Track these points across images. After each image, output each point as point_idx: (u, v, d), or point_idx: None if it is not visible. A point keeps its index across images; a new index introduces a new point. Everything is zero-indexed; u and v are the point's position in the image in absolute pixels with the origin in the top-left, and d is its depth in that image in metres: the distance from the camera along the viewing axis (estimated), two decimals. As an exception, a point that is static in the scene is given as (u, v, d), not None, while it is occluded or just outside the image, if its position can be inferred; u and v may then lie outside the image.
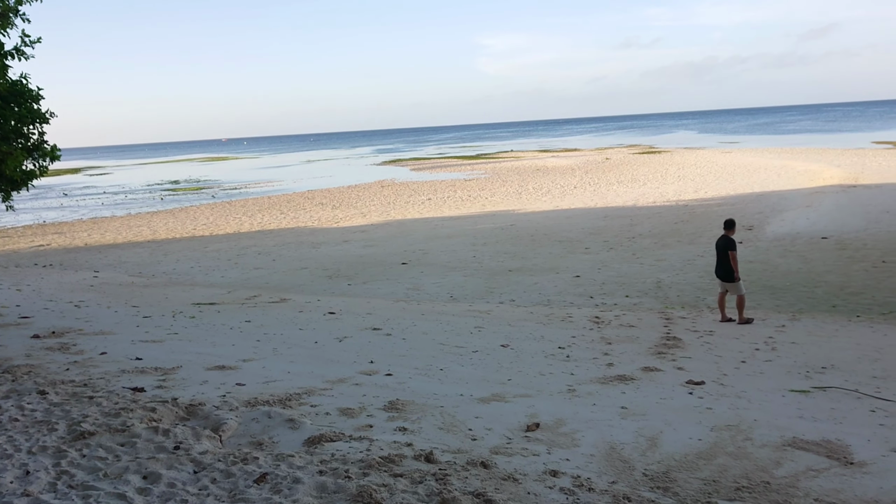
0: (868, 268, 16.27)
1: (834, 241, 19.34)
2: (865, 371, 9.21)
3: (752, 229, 22.01)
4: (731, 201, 29.15)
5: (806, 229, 21.42)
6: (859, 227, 21.30)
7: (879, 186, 30.96)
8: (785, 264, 17.09)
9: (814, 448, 6.32)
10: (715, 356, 9.97)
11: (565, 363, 9.55)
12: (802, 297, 14.11)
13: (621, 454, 6.09)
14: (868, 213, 23.80)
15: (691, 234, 21.77)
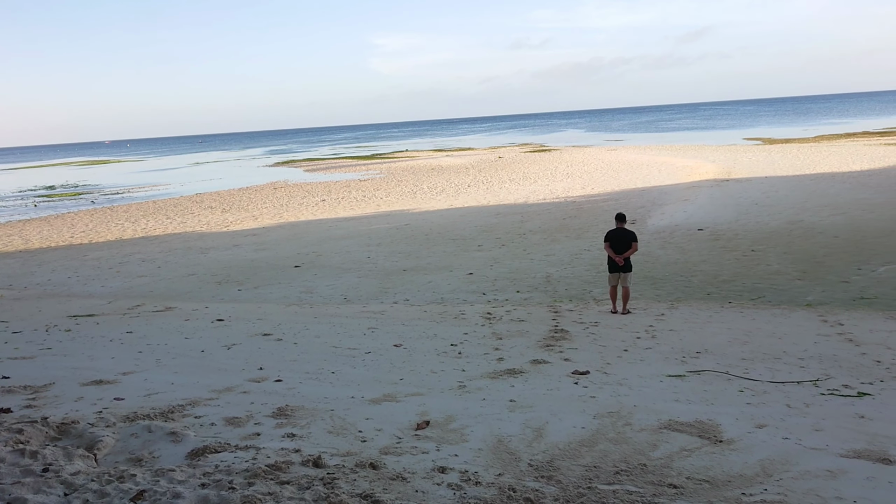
0: (739, 257, 17.37)
1: (708, 233, 20.53)
2: (735, 354, 9.83)
3: (634, 223, 22.98)
4: (615, 197, 30.38)
5: (683, 222, 22.62)
6: (731, 218, 22.70)
7: (749, 180, 33.10)
8: (664, 255, 17.98)
9: (687, 429, 6.68)
10: (599, 346, 10.37)
11: (457, 360, 9.67)
12: (680, 287, 14.90)
13: (508, 446, 6.23)
14: (739, 205, 25.40)
15: (579, 229, 22.53)
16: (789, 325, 11.41)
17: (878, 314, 12.10)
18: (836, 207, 23.40)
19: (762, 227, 20.84)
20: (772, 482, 5.48)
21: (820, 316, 11.98)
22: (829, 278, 14.84)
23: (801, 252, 17.40)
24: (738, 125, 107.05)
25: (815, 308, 12.69)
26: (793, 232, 19.90)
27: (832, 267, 15.76)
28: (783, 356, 9.63)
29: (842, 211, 22.64)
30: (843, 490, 5.33)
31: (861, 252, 16.99)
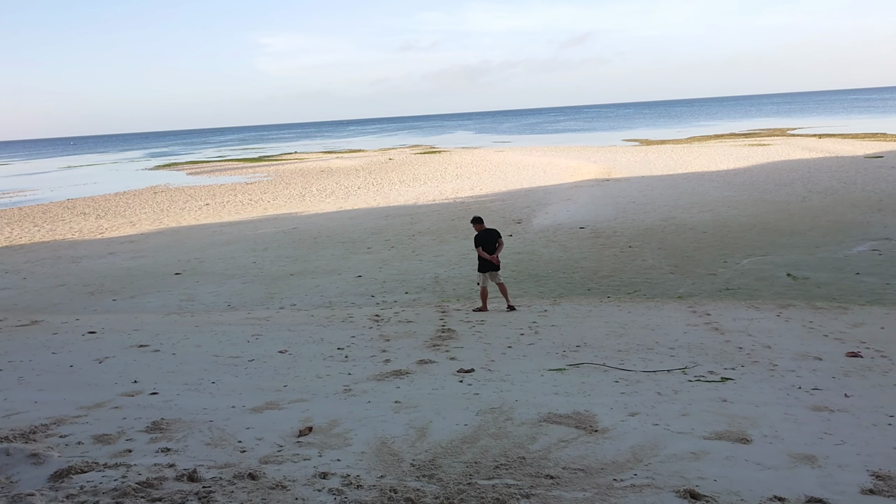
0: (617, 253, 18.16)
1: (589, 231, 21.34)
2: (612, 346, 10.26)
3: (520, 222, 23.62)
4: (502, 197, 31.05)
5: (566, 220, 23.41)
6: (610, 216, 23.70)
7: (627, 179, 34.67)
8: (548, 253, 18.54)
9: (565, 421, 6.92)
10: (485, 344, 10.56)
11: (343, 364, 9.59)
12: (562, 283, 15.41)
13: (392, 448, 6.24)
14: (618, 203, 26.56)
15: (467, 230, 22.81)
16: (662, 317, 12.03)
17: (741, 303, 12.97)
18: (704, 205, 24.91)
19: (638, 225, 21.88)
20: (641, 467, 5.76)
21: (690, 307, 12.70)
22: (698, 271, 15.77)
23: (673, 247, 18.40)
24: (618, 127, 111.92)
25: (686, 300, 13.45)
26: (666, 228, 21.01)
27: (701, 261, 16.75)
28: (656, 346, 10.14)
29: (710, 208, 24.12)
30: (705, 470, 5.67)
31: (726, 246, 18.16)
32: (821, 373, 8.69)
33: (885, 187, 26.56)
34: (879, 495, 5.18)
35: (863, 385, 8.19)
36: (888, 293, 13.25)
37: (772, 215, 22.13)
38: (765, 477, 5.52)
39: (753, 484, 5.39)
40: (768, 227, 20.24)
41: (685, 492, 5.23)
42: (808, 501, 5.09)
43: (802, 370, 8.81)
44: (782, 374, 8.64)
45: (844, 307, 12.36)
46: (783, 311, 12.22)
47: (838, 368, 8.85)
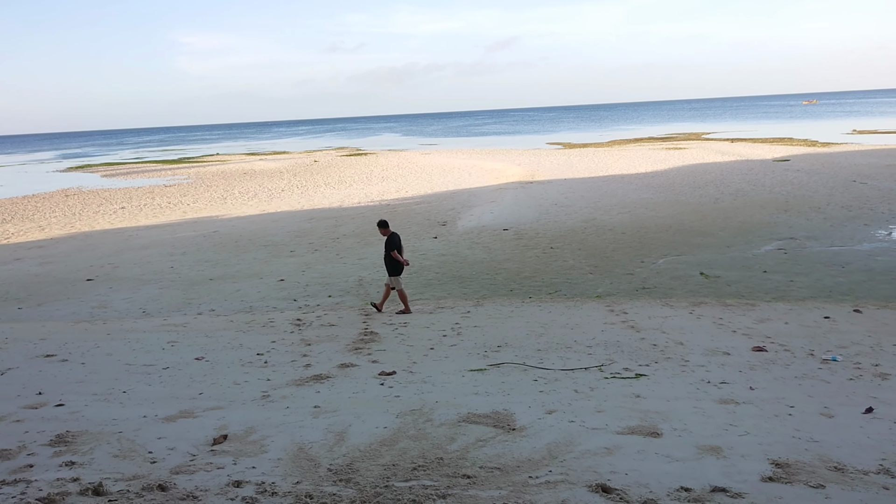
0: (539, 254, 18.46)
1: (513, 232, 21.63)
2: (532, 345, 10.43)
3: (445, 224, 23.73)
4: (428, 199, 31.12)
5: (490, 222, 23.66)
6: (533, 218, 24.09)
7: (550, 182, 35.31)
8: (472, 255, 18.69)
9: (484, 420, 6.99)
10: (407, 346, 10.56)
11: (262, 369, 9.41)
12: (486, 284, 15.56)
13: (309, 453, 6.17)
14: (540, 205, 27.02)
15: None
16: (581, 316, 12.30)
17: (657, 302, 13.40)
18: (623, 207, 25.61)
19: (560, 226, 22.31)
20: (556, 463, 5.87)
21: (607, 306, 13.03)
22: (617, 271, 16.20)
23: (592, 248, 18.84)
24: (543, 130, 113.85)
25: (604, 299, 13.79)
26: (587, 230, 21.50)
27: (619, 261, 17.22)
28: (574, 345, 10.36)
29: (628, 210, 24.82)
30: (617, 464, 5.83)
31: (644, 247, 18.72)
32: (729, 367, 9.06)
33: (790, 189, 27.93)
34: (778, 482, 5.44)
35: (766, 378, 8.58)
36: (792, 290, 13.93)
37: (686, 216, 22.95)
38: (673, 469, 5.72)
39: (662, 476, 5.57)
40: (683, 228, 20.97)
41: (597, 486, 5.36)
42: (712, 491, 5.30)
43: (712, 365, 9.17)
44: (693, 370, 8.98)
45: (752, 304, 12.92)
46: (696, 308, 12.68)
47: (745, 362, 9.25)
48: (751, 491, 5.28)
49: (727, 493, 5.24)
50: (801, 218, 21.65)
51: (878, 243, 17.74)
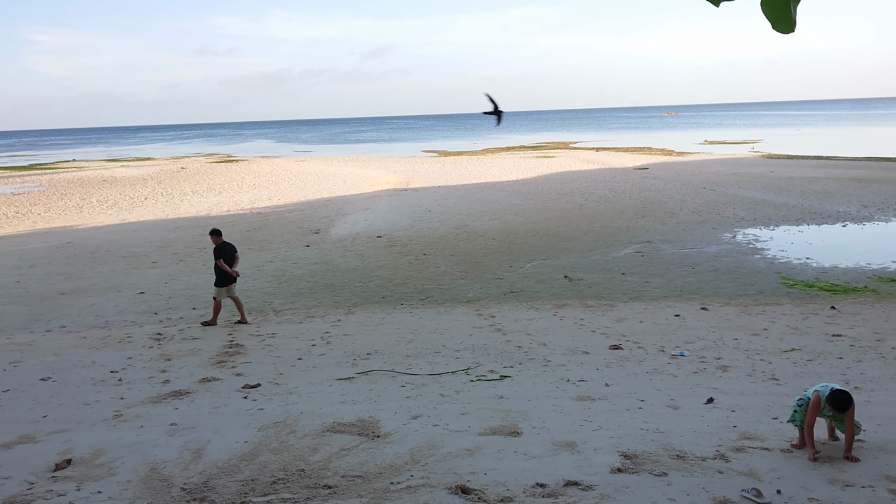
0: (412, 260, 18.59)
1: (386, 239, 21.66)
2: (402, 351, 10.48)
3: (318, 232, 23.41)
4: (301, 207, 30.60)
5: (364, 230, 23.58)
6: (407, 225, 24.23)
7: (425, 189, 35.67)
8: (345, 263, 18.55)
9: (349, 429, 6.95)
10: (274, 357, 10.32)
11: (116, 388, 8.90)
12: (358, 292, 15.47)
13: (162, 473, 5.90)
14: (414, 212, 27.23)
15: (263, 241, 22.25)
16: (450, 321, 12.49)
17: (523, 305, 13.82)
18: (494, 213, 26.27)
19: (433, 233, 22.58)
20: (418, 468, 5.93)
21: (476, 310, 13.31)
22: (486, 276, 16.58)
23: (464, 254, 19.19)
24: (419, 138, 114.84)
25: (474, 303, 14.07)
26: (458, 236, 21.88)
27: (489, 266, 17.63)
28: (443, 350, 10.50)
29: (499, 216, 25.49)
30: (477, 465, 5.96)
31: (512, 251, 19.28)
32: (587, 365, 9.49)
33: (648, 196, 29.67)
34: (625, 473, 5.75)
35: (621, 374, 9.06)
36: (647, 290, 14.78)
37: (553, 222, 23.85)
38: (530, 466, 5.91)
39: (519, 473, 5.75)
40: (550, 233, 21.77)
41: (457, 488, 5.45)
42: (565, 485, 5.53)
43: (572, 364, 9.57)
44: (554, 369, 9.34)
45: (611, 304, 13.60)
46: (559, 310, 13.18)
47: (602, 360, 9.72)
48: (601, 483, 5.55)
49: (579, 487, 5.48)
50: (657, 223, 23.03)
51: (723, 245, 19.16)
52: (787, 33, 2.40)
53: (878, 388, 8.24)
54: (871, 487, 5.37)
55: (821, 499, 5.20)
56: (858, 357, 9.65)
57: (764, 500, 5.16)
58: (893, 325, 11.40)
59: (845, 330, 11.12)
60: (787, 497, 5.22)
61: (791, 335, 10.94)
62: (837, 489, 5.37)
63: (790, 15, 2.32)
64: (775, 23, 2.35)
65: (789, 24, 2.34)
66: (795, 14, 2.34)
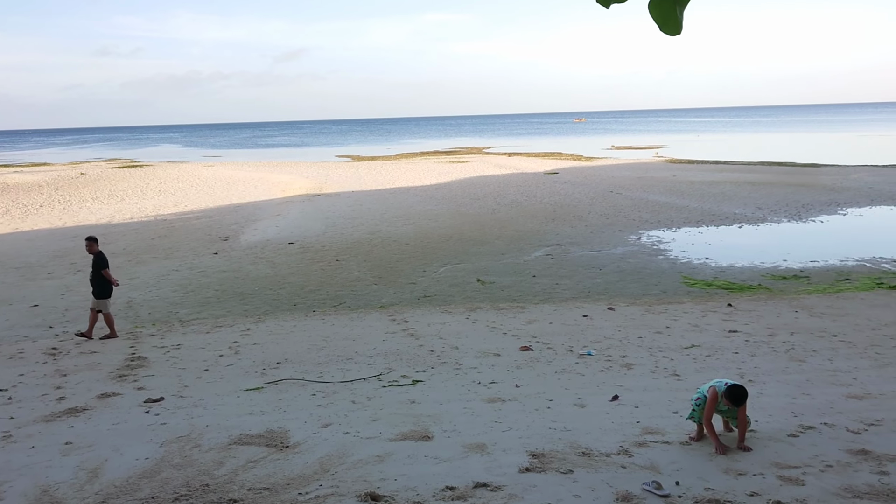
0: (324, 267, 18.36)
1: (298, 246, 21.32)
2: (313, 359, 10.32)
3: (227, 240, 22.80)
4: (209, 213, 29.74)
5: (275, 236, 23.13)
6: (320, 231, 23.93)
7: (338, 194, 35.32)
8: (255, 270, 18.13)
9: (256, 441, 6.78)
10: (179, 369, 9.97)
11: (6, 407, 8.38)
12: (269, 300, 15.15)
13: (55, 496, 5.59)
14: (327, 218, 26.92)
15: (168, 249, 21.49)
16: (363, 327, 12.40)
17: (437, 309, 13.87)
18: (408, 218, 26.30)
19: (347, 238, 22.38)
20: (327, 477, 5.84)
21: (390, 316, 13.27)
22: (400, 281, 16.56)
23: (378, 259, 19.12)
24: (332, 143, 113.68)
25: (387, 309, 14.02)
26: (372, 241, 21.77)
27: (403, 271, 17.62)
28: (355, 356, 10.41)
29: (413, 221, 25.53)
30: (387, 471, 5.93)
31: (426, 256, 19.34)
32: (498, 367, 9.61)
33: (558, 199, 30.39)
34: (533, 472, 5.84)
35: (531, 375, 9.22)
36: (557, 292, 15.12)
37: (466, 226, 24.07)
38: (440, 470, 5.93)
39: (429, 478, 5.76)
40: (463, 238, 21.96)
41: (366, 495, 5.41)
42: (475, 486, 5.57)
43: (483, 366, 9.67)
44: (466, 372, 9.41)
45: (522, 306, 13.83)
46: (472, 313, 13.31)
47: (512, 362, 9.86)
48: (509, 483, 5.62)
49: (488, 488, 5.53)
50: (567, 226, 23.61)
51: (629, 247, 19.82)
52: (674, 35, 2.50)
53: (769, 380, 8.69)
54: (761, 475, 5.66)
55: (716, 488, 5.44)
56: (753, 351, 10.17)
57: (663, 492, 5.35)
58: (784, 320, 12.07)
59: (741, 326, 11.70)
60: (685, 488, 5.44)
61: (691, 332, 11.43)
62: (731, 478, 5.63)
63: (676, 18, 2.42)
64: (663, 25, 2.44)
65: (676, 26, 2.44)
66: (682, 17, 2.44)
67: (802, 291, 14.55)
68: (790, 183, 34.42)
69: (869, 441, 6.31)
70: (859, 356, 9.74)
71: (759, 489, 5.39)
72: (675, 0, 2.42)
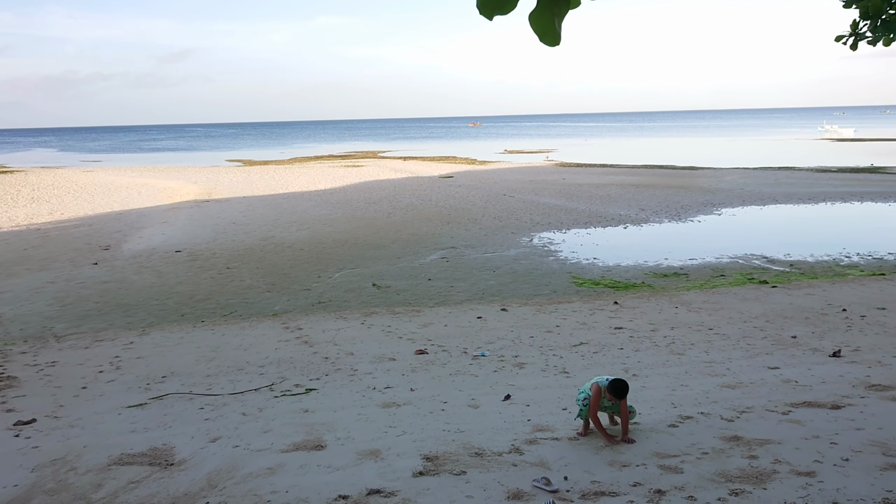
0: (215, 275, 17.76)
1: (186, 254, 20.52)
2: (202, 372, 9.96)
3: (108, 249, 21.65)
4: (89, 222, 28.13)
5: (162, 244, 22.17)
6: (209, 238, 23.13)
7: (228, 200, 34.28)
8: (140, 280, 17.31)
9: (139, 459, 6.47)
10: (54, 388, 9.37)
11: None
12: (154, 311, 14.50)
13: None
14: (217, 224, 26.06)
15: (43, 260, 20.17)
16: (255, 336, 12.08)
17: (331, 315, 13.70)
18: (302, 223, 25.85)
19: (238, 245, 21.75)
20: (215, 493, 5.65)
21: (283, 323, 12.99)
22: (294, 287, 16.25)
23: (271, 266, 18.68)
24: (222, 147, 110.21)
25: (280, 316, 13.72)
26: (265, 248, 21.26)
27: (297, 277, 17.30)
28: (246, 366, 10.13)
29: (307, 226, 25.12)
30: (279, 483, 5.80)
31: (321, 261, 19.07)
32: (393, 372, 9.60)
33: (453, 203, 30.72)
34: (427, 475, 5.87)
35: (426, 378, 9.26)
36: (452, 294, 15.27)
37: (362, 231, 23.92)
38: (333, 478, 5.85)
39: (322, 487, 5.67)
40: (359, 242, 21.81)
41: (256, 509, 5.26)
42: (368, 493, 5.53)
43: (378, 371, 9.63)
44: (361, 378, 9.34)
45: (417, 310, 13.88)
46: (367, 318, 13.23)
47: (408, 366, 9.88)
48: (403, 488, 5.62)
49: (381, 494, 5.51)
50: (462, 229, 23.90)
51: (521, 249, 20.29)
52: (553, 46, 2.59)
53: (652, 373, 9.12)
54: (644, 465, 5.92)
55: (602, 481, 5.65)
56: (636, 347, 10.64)
57: (552, 487, 5.50)
58: (665, 316, 12.70)
59: (626, 322, 12.22)
60: (573, 482, 5.61)
61: (580, 330, 11.82)
62: (616, 470, 5.85)
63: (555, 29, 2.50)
64: (542, 36, 2.52)
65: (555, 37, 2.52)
66: (560, 29, 2.52)
67: (682, 288, 15.35)
68: (670, 185, 36.27)
69: (741, 427, 6.73)
70: (732, 347, 10.38)
71: (641, 479, 5.64)
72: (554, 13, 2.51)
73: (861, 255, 18.41)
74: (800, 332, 11.13)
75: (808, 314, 12.39)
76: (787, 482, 5.45)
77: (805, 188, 33.55)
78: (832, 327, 11.42)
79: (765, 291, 14.57)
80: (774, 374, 8.75)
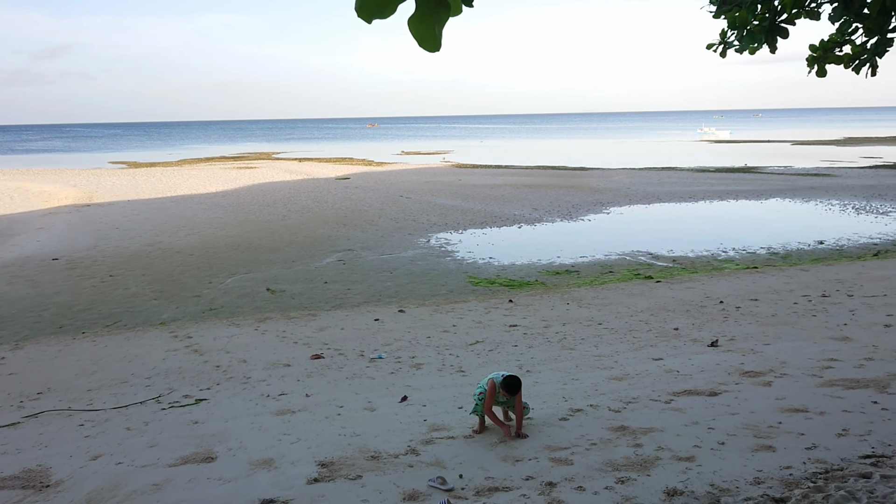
0: (97, 283, 16.84)
1: (65, 262, 19.36)
2: (82, 386, 9.43)
3: (-24, 258, 20.12)
4: (-47, 229, 26.03)
5: (37, 252, 20.82)
6: (90, 244, 21.91)
7: (112, 204, 32.59)
8: (12, 291, 16.19)
9: (10, 483, 6.05)
10: (-88, 411, 8.61)
11: None
12: (29, 324, 13.60)
13: None
14: (99, 230, 24.72)
15: None
16: (141, 347, 11.54)
17: (223, 322, 13.28)
18: (192, 227, 24.92)
19: (122, 252, 20.72)
20: (96, 514, 5.35)
21: (171, 332, 12.48)
22: (183, 294, 15.64)
23: (158, 272, 17.90)
24: (105, 148, 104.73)
25: (168, 325, 13.18)
26: (152, 254, 20.35)
27: (186, 284, 16.66)
28: (131, 378, 9.67)
29: (197, 230, 24.23)
30: (165, 499, 5.56)
31: (213, 267, 18.45)
32: (288, 378, 9.41)
33: (350, 205, 30.46)
34: (322, 482, 5.79)
35: (321, 383, 9.14)
36: (349, 297, 15.14)
37: (256, 234, 23.32)
38: (224, 491, 5.67)
39: (212, 500, 5.49)
40: (252, 246, 21.25)
41: (140, 528, 5.03)
42: (261, 504, 5.39)
43: (272, 378, 9.42)
44: (254, 385, 9.11)
45: (313, 314, 13.67)
46: (261, 324, 12.92)
47: (303, 371, 9.71)
48: (297, 496, 5.52)
49: (274, 504, 5.38)
50: (358, 231, 23.74)
51: (418, 250, 20.37)
52: (433, 52, 2.59)
53: (544, 369, 9.37)
54: (536, 459, 6.06)
55: (495, 476, 5.74)
56: (530, 343, 10.90)
57: (448, 486, 5.55)
58: (557, 312, 13.08)
59: (520, 320, 12.50)
60: (468, 480, 5.68)
61: (476, 329, 12.00)
62: (509, 465, 5.97)
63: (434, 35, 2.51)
64: (421, 41, 2.52)
65: (434, 43, 2.53)
66: (440, 35, 2.53)
67: (573, 285, 15.86)
68: (562, 185, 37.40)
69: (627, 418, 7.02)
70: (619, 341, 10.81)
71: (533, 473, 5.77)
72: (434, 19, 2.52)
73: (736, 250, 19.62)
74: (681, 324, 11.74)
75: (688, 307, 13.08)
76: (668, 467, 5.73)
77: (686, 187, 35.41)
78: (710, 319, 12.11)
79: (650, 286, 15.27)
80: (658, 365, 9.18)
